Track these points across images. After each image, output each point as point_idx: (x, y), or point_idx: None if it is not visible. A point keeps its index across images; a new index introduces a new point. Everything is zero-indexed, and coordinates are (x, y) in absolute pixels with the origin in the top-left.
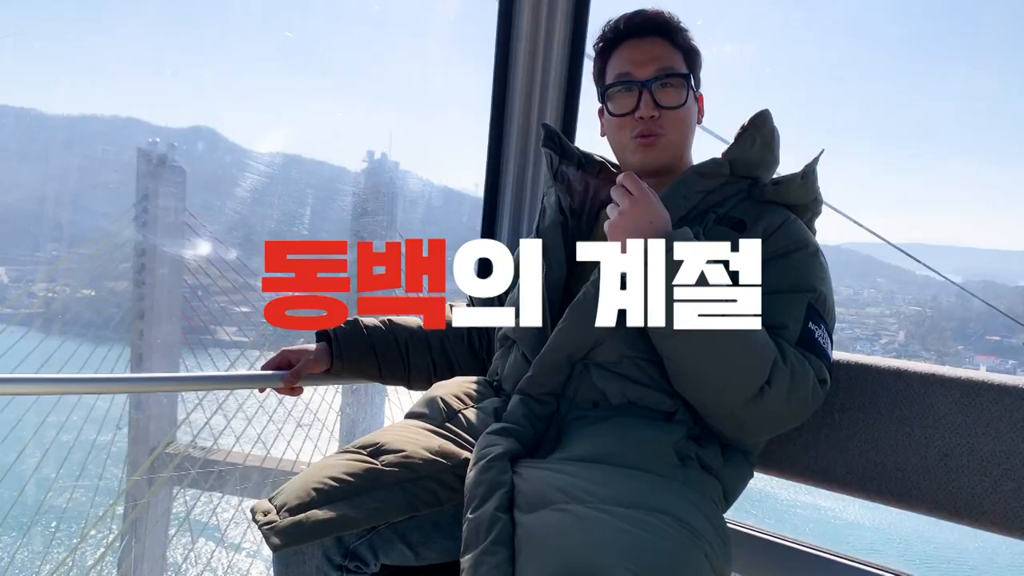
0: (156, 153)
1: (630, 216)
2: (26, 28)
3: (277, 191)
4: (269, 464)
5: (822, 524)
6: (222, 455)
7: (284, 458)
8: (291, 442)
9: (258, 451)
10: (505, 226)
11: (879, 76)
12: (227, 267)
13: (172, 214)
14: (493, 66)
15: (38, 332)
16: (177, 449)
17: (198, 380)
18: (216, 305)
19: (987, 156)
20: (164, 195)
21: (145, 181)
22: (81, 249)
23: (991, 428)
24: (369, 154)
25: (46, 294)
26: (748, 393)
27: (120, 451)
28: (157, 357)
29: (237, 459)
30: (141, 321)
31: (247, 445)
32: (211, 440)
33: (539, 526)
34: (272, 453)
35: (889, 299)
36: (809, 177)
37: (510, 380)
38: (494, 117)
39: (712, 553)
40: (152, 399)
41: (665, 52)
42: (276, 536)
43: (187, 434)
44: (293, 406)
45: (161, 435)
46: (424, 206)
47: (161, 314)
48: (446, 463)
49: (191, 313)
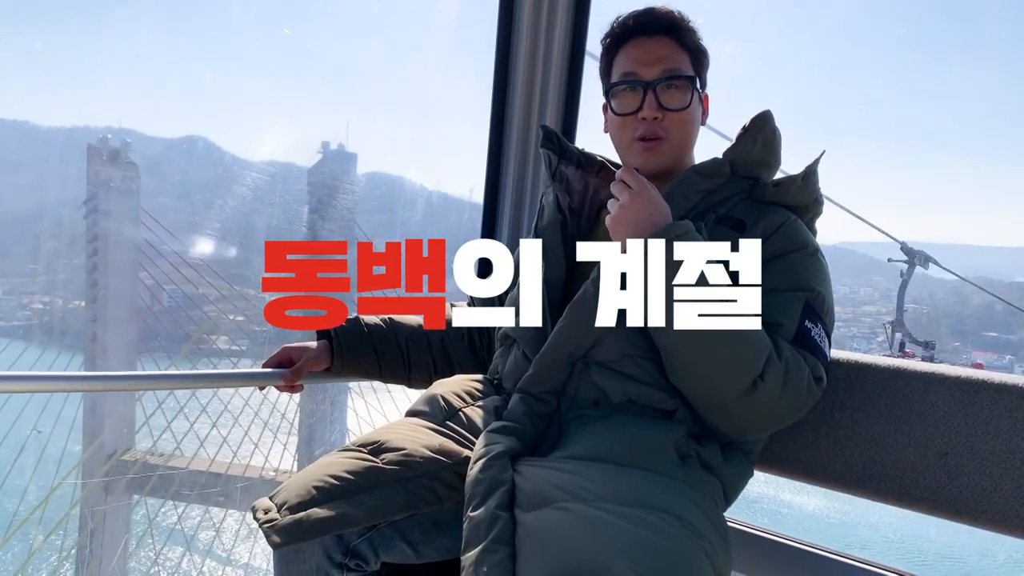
0: (108, 148)
1: (630, 209)
2: (18, 40)
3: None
4: (235, 471)
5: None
6: (184, 461)
7: (251, 464)
8: (258, 446)
9: (223, 456)
10: (505, 226)
11: (874, 75)
12: (183, 263)
13: (125, 212)
14: (493, 67)
15: (26, 342)
16: (135, 456)
17: (199, 378)
18: (174, 302)
19: (983, 154)
20: (116, 192)
21: (95, 177)
22: (74, 260)
23: (991, 427)
24: (324, 145)
25: (40, 306)
26: (741, 386)
27: (73, 456)
28: (112, 360)
29: (201, 465)
30: (95, 324)
31: (211, 448)
32: (171, 445)
33: (540, 524)
34: (238, 460)
35: (885, 297)
36: (810, 178)
37: (511, 378)
38: (494, 118)
39: (712, 551)
40: (108, 403)
41: (672, 53)
42: (277, 534)
43: (146, 439)
44: (260, 405)
45: (118, 441)
46: (422, 210)
47: (116, 316)
48: (447, 461)
49: (164, 315)
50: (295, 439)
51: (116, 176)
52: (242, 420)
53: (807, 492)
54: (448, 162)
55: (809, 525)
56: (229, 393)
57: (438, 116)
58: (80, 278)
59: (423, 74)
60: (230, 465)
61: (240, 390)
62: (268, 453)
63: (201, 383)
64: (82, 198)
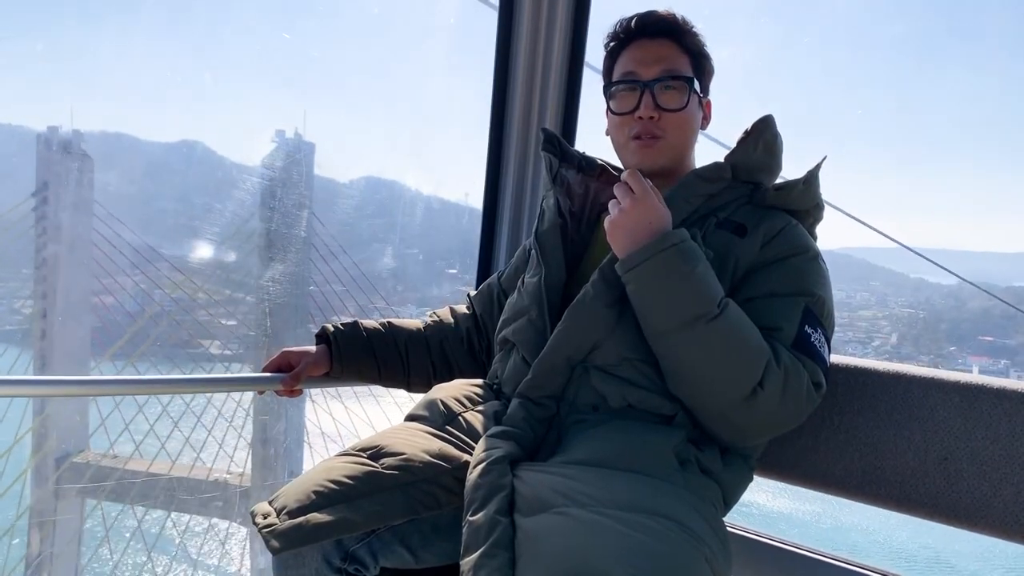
0: (58, 139)
1: (630, 215)
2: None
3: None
4: (199, 474)
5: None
6: (143, 464)
7: (214, 467)
8: (222, 447)
9: (186, 460)
10: (504, 230)
11: (873, 80)
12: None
13: (78, 204)
14: (493, 70)
15: (20, 348)
16: (88, 458)
17: (198, 383)
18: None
19: (982, 160)
20: (67, 184)
21: (45, 168)
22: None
23: (990, 432)
24: (279, 133)
25: (31, 310)
26: (741, 394)
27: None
28: (60, 359)
29: (161, 469)
30: (43, 320)
31: (173, 446)
32: (128, 448)
33: (539, 529)
34: (201, 462)
35: (882, 302)
36: (811, 183)
37: (510, 383)
38: (494, 121)
39: (712, 556)
40: (60, 403)
41: (672, 54)
42: (276, 539)
43: (102, 442)
44: (223, 404)
45: (70, 443)
46: (421, 216)
47: (67, 313)
48: (446, 466)
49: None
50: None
51: (68, 168)
52: (205, 420)
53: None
54: (447, 167)
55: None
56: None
57: (436, 121)
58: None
59: (422, 78)
60: (192, 468)
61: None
62: (233, 454)
63: (200, 388)
64: (31, 190)
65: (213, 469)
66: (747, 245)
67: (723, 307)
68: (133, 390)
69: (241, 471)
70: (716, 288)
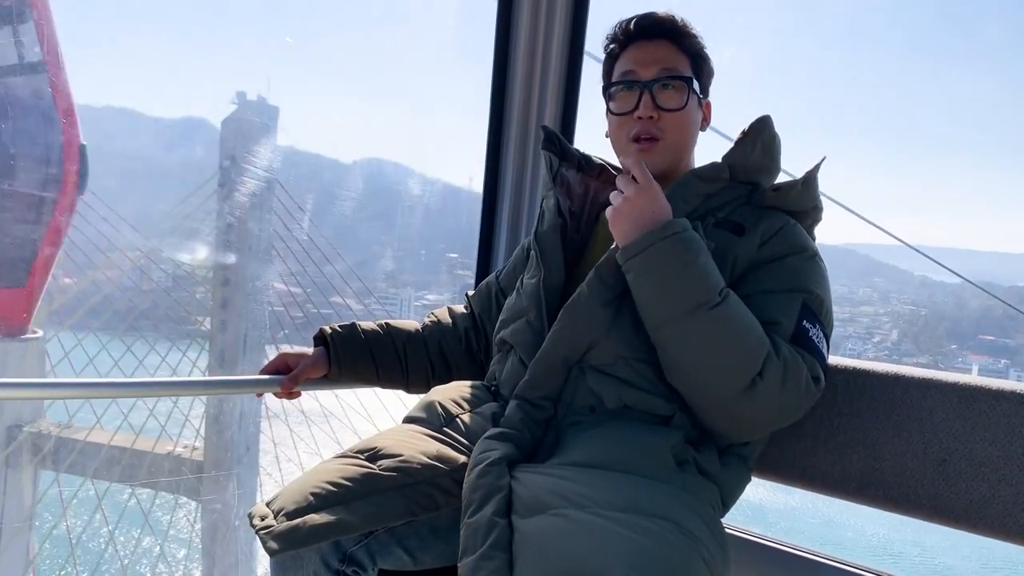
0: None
1: (634, 203)
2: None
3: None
4: (163, 447)
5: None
6: (105, 436)
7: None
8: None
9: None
10: (503, 227)
11: (878, 79)
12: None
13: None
14: (492, 66)
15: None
16: (43, 427)
17: (198, 385)
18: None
19: (987, 159)
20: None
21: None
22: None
23: (989, 433)
24: (240, 95)
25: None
26: (741, 384)
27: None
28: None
29: (124, 442)
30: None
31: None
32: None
33: (537, 531)
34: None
35: (884, 298)
36: (810, 184)
37: (508, 385)
38: (493, 118)
39: (710, 558)
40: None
41: (671, 55)
42: (273, 541)
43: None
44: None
45: (23, 410)
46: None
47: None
48: (444, 468)
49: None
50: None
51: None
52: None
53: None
54: (448, 153)
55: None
56: (155, 362)
57: (437, 107)
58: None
59: (423, 67)
60: (156, 443)
61: (167, 358)
62: (200, 427)
63: (198, 390)
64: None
65: (179, 443)
66: (745, 244)
67: (724, 296)
68: (131, 392)
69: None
70: (717, 277)
